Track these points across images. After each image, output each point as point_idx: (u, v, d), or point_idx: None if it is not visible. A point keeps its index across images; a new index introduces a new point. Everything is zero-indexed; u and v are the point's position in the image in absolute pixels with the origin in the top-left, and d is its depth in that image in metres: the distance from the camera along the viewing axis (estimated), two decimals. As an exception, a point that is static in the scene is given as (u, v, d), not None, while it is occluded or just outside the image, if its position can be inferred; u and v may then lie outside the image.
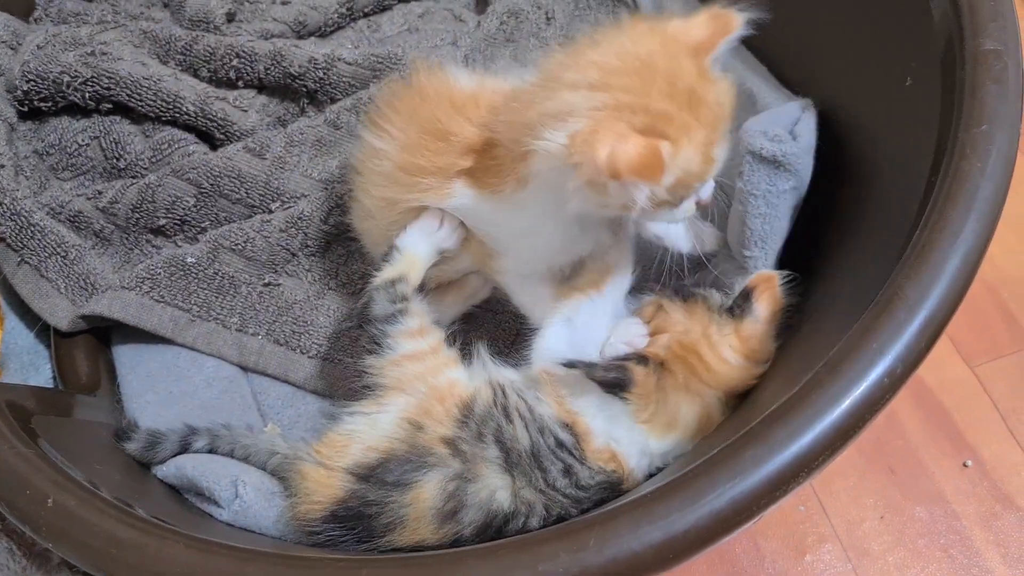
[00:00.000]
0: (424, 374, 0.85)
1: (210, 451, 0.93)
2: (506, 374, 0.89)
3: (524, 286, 0.93)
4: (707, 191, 0.81)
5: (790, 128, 0.94)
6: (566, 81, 0.75)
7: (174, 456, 0.93)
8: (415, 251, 0.90)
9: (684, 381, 0.82)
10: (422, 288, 0.91)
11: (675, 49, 0.75)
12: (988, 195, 0.67)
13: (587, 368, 0.81)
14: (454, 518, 0.77)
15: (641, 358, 0.83)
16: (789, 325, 0.87)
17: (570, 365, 0.82)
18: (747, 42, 1.19)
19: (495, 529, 0.77)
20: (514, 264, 0.91)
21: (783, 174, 0.90)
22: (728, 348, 0.83)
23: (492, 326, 1.05)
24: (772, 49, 1.15)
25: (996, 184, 0.68)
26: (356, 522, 0.78)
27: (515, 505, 0.78)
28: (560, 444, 0.81)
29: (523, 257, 0.90)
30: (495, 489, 0.78)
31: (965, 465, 1.16)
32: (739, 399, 0.85)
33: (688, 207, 0.80)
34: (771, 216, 0.92)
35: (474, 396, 0.84)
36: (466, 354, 0.91)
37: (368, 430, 0.83)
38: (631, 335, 0.85)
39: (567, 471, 0.80)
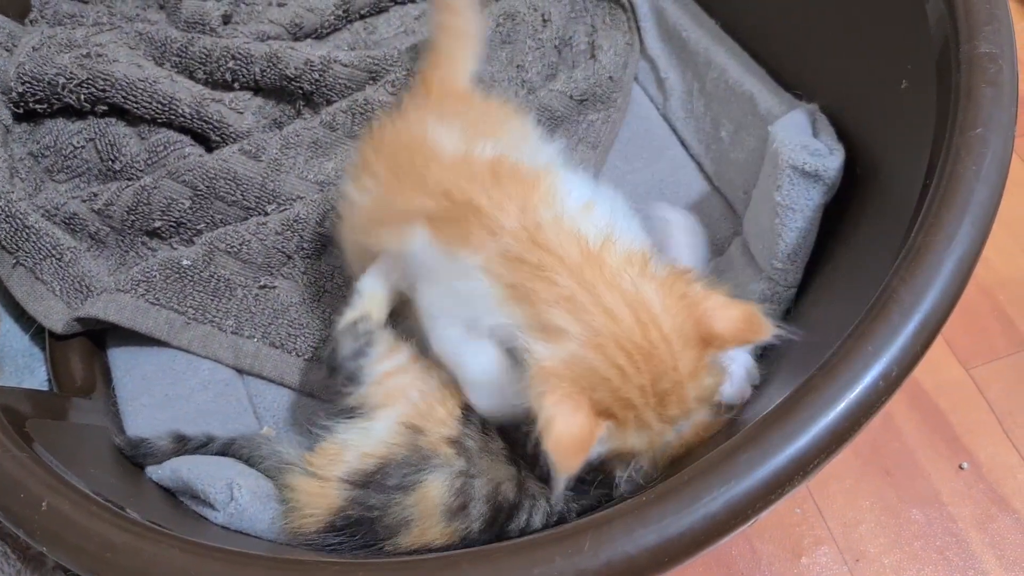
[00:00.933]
0: (413, 382, 0.85)
1: (219, 452, 0.93)
2: None
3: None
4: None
5: (811, 137, 0.96)
6: (583, 311, 0.71)
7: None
8: (373, 291, 0.90)
9: None
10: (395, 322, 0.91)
11: (686, 338, 0.71)
12: (983, 198, 0.67)
13: None
14: (463, 512, 0.77)
15: None
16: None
17: None
18: (744, 44, 1.19)
19: (500, 524, 0.78)
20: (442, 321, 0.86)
21: (820, 187, 0.92)
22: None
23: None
24: (769, 52, 1.16)
25: (991, 187, 0.68)
26: (356, 528, 0.78)
27: (520, 497, 0.79)
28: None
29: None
30: (500, 481, 0.79)
31: (961, 467, 1.16)
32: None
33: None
34: (806, 230, 0.93)
35: None
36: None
37: (362, 438, 0.83)
38: None
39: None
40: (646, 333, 0.70)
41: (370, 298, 0.89)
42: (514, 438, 0.82)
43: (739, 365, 0.84)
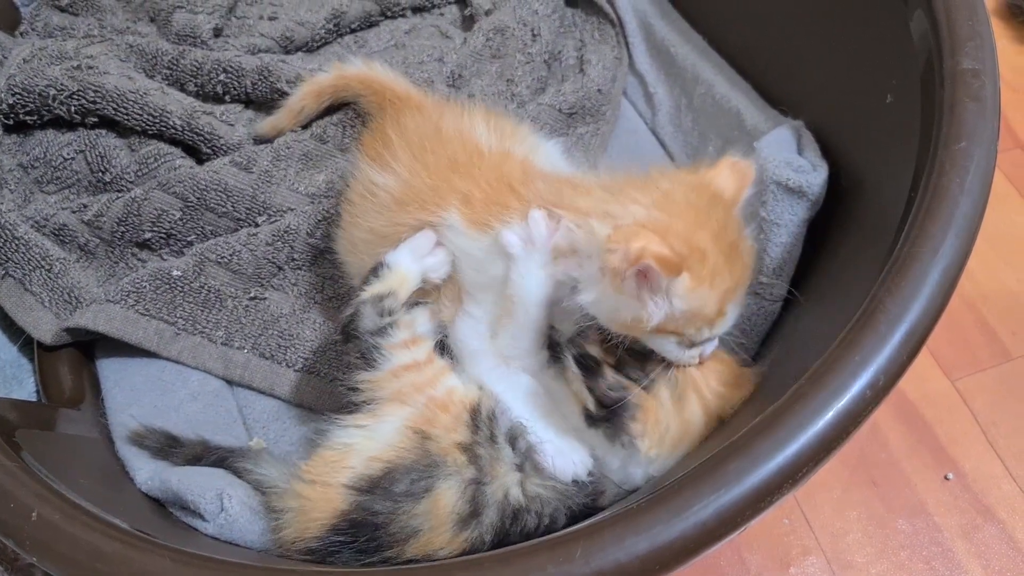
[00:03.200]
0: (422, 385, 0.84)
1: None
2: None
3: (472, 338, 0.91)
4: (709, 348, 0.83)
5: (796, 154, 0.97)
6: (631, 196, 0.79)
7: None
8: (404, 268, 0.88)
9: None
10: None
11: (727, 203, 0.81)
12: (967, 211, 0.68)
13: None
14: (475, 520, 0.77)
15: None
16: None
17: None
18: (731, 59, 1.21)
19: (505, 529, 0.78)
20: (478, 313, 0.89)
21: (804, 203, 0.93)
22: None
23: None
24: (756, 67, 1.17)
25: (974, 200, 0.69)
26: (359, 532, 0.77)
27: (525, 501, 0.79)
28: None
29: (487, 308, 0.89)
30: (508, 487, 0.80)
31: (946, 478, 1.17)
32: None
33: (690, 356, 0.82)
34: (791, 245, 0.95)
35: (479, 401, 0.84)
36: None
37: (366, 442, 0.82)
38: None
39: None
40: (699, 197, 0.78)
41: (399, 274, 0.88)
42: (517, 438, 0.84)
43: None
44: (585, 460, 0.84)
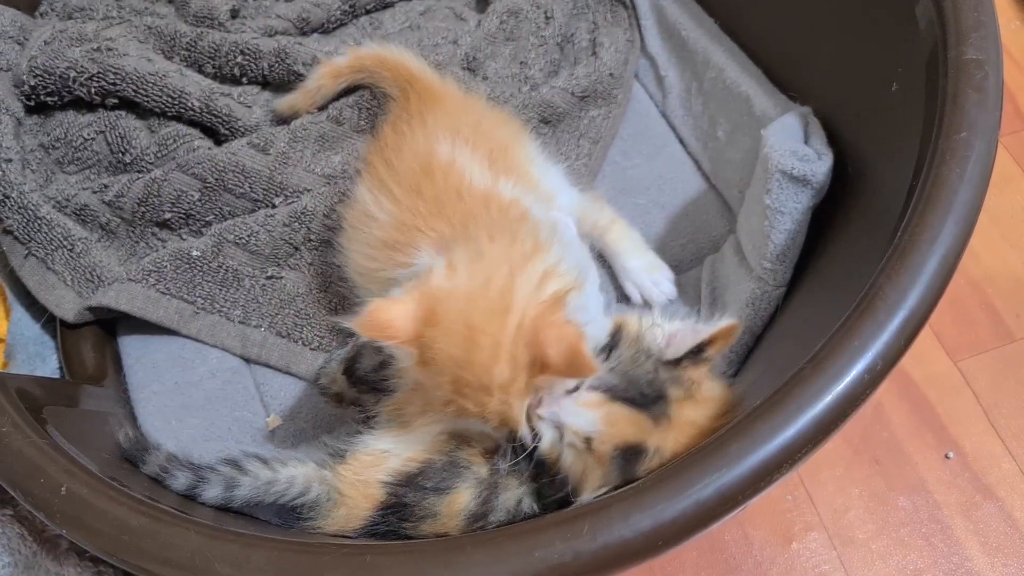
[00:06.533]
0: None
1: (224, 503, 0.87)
2: None
3: None
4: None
5: (802, 142, 0.98)
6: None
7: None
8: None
9: None
10: None
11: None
12: (966, 200, 0.70)
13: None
14: (484, 519, 0.80)
15: None
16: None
17: None
18: (742, 44, 1.21)
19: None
20: None
21: (808, 191, 0.94)
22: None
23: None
24: (766, 52, 1.18)
25: (974, 189, 0.70)
26: (389, 513, 0.81)
27: (539, 511, 0.81)
28: None
29: None
30: (521, 496, 0.82)
31: (947, 457, 1.19)
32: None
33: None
34: (794, 232, 0.96)
35: None
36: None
37: (402, 445, 0.83)
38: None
39: None
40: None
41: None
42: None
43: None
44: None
